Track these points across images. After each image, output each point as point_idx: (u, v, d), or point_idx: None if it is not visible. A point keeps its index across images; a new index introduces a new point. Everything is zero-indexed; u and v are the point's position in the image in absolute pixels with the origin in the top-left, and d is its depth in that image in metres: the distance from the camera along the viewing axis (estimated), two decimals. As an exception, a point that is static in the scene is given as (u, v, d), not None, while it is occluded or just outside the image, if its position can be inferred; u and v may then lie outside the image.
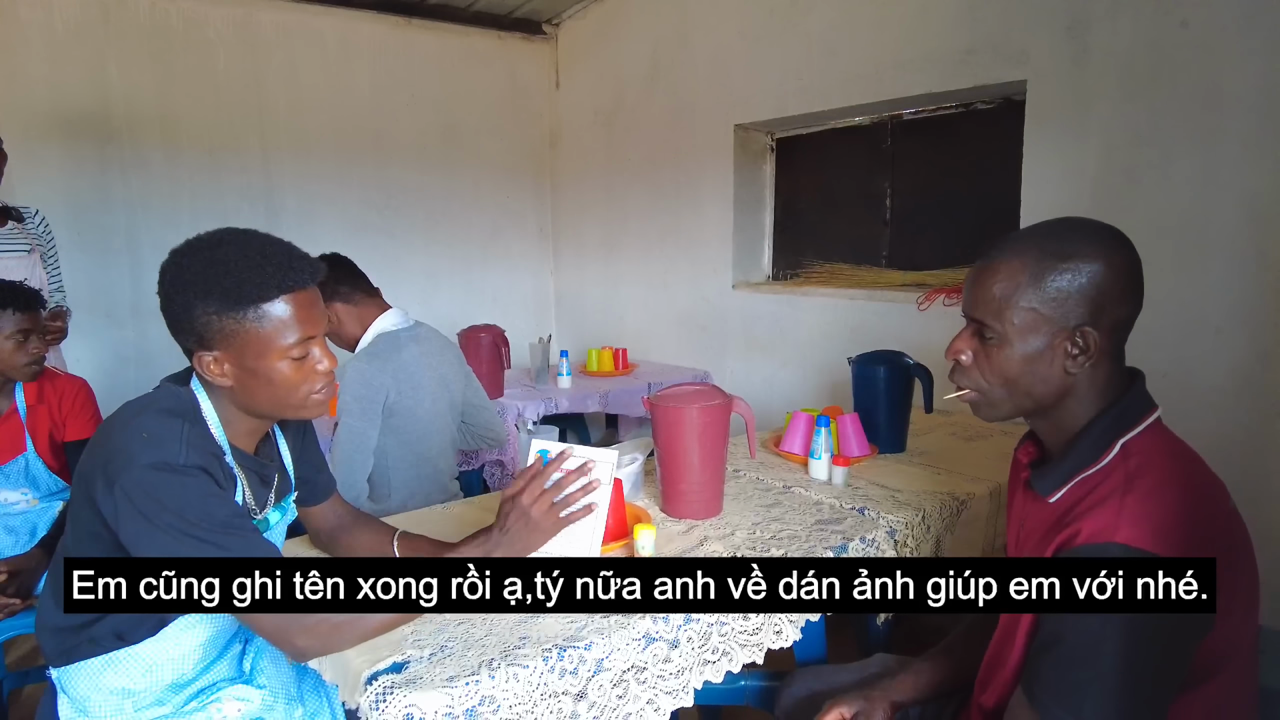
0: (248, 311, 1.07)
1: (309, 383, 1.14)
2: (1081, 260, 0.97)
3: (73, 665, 1.18)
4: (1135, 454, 0.97)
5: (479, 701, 1.03)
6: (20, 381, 2.03)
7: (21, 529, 2.05)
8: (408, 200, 4.47)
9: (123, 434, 1.06)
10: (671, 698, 1.22)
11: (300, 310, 1.11)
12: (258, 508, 1.25)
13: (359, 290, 2.09)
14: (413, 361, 2.04)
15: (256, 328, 1.08)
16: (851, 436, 1.98)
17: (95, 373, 3.22)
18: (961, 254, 2.99)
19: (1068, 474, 1.01)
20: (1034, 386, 1.02)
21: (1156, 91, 2.19)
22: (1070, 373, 1.00)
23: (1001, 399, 1.06)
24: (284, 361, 1.11)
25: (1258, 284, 2.04)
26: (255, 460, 1.23)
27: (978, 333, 1.06)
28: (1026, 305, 0.99)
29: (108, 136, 3.65)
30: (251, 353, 1.09)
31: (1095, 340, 0.98)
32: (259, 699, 1.27)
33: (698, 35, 3.79)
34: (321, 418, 2.70)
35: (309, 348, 1.13)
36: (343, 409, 1.94)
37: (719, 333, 3.85)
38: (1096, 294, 0.97)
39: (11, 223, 2.61)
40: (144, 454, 1.03)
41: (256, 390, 1.12)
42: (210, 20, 3.82)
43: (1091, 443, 1.00)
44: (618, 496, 1.48)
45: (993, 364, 1.04)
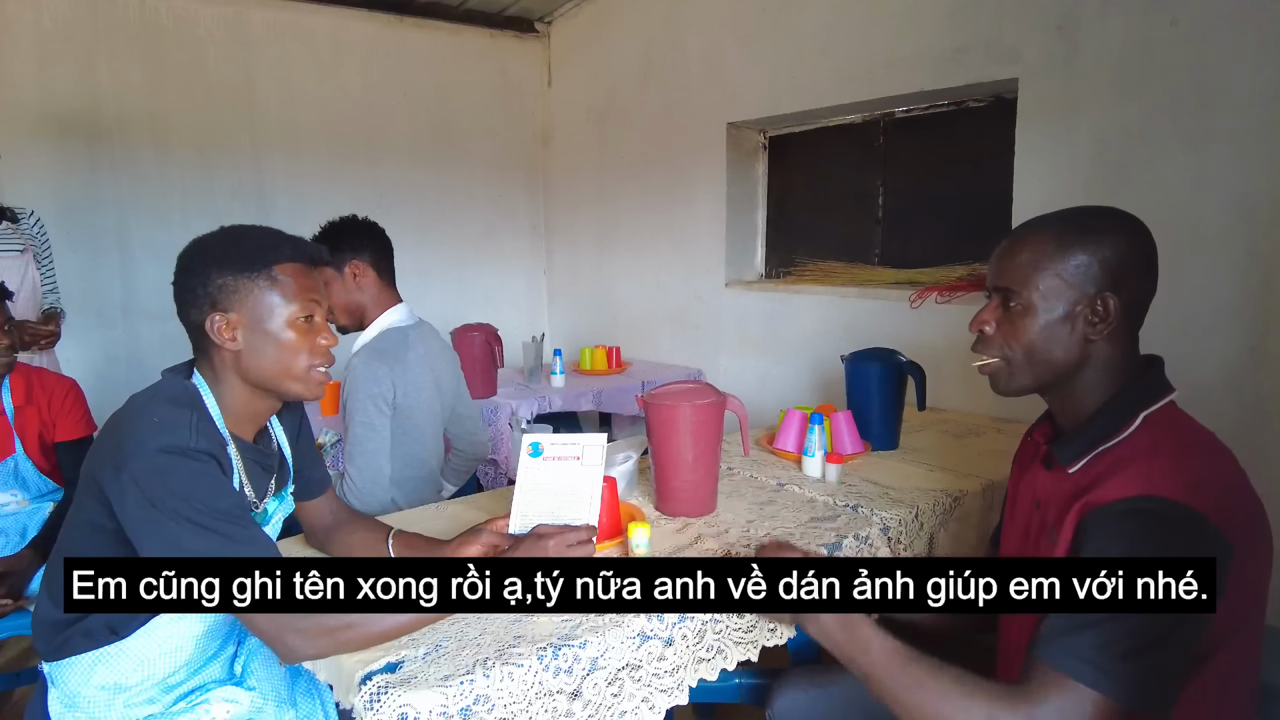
0: (261, 273, 1.16)
1: (312, 354, 1.20)
2: (1104, 234, 1.03)
3: (65, 660, 1.18)
4: (1158, 424, 1.01)
5: (474, 700, 1.03)
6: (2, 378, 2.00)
7: (12, 530, 2.04)
8: (400, 199, 4.45)
9: (133, 422, 1.10)
10: (666, 696, 1.22)
11: (308, 280, 1.20)
12: (257, 498, 1.26)
13: (390, 272, 2.08)
14: (417, 362, 2.02)
15: (268, 288, 1.16)
16: (845, 434, 1.99)
17: (86, 373, 3.19)
18: (954, 252, 3.00)
19: (1089, 444, 1.04)
20: (1055, 354, 1.06)
21: (1147, 90, 2.20)
22: (1090, 340, 1.04)
23: (1023, 367, 1.09)
24: (290, 323, 1.17)
25: (1248, 282, 2.05)
26: (255, 449, 1.25)
27: (1002, 303, 1.10)
28: (1052, 273, 1.04)
29: (97, 135, 3.63)
30: (262, 311, 1.16)
31: (1115, 307, 1.02)
32: (248, 701, 1.26)
33: (690, 33, 3.79)
34: (322, 417, 2.72)
35: (315, 314, 1.20)
36: (356, 407, 1.90)
37: (712, 331, 3.85)
38: (1117, 266, 1.03)
39: (6, 223, 2.59)
40: (154, 438, 1.06)
41: (264, 353, 1.17)
42: (200, 18, 3.80)
43: (1113, 415, 1.04)
44: (611, 495, 1.48)
45: (1017, 332, 1.08)
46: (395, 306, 2.07)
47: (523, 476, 1.34)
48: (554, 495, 1.33)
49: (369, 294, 2.03)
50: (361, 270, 2.01)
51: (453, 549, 1.32)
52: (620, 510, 1.52)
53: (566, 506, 1.32)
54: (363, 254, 2.01)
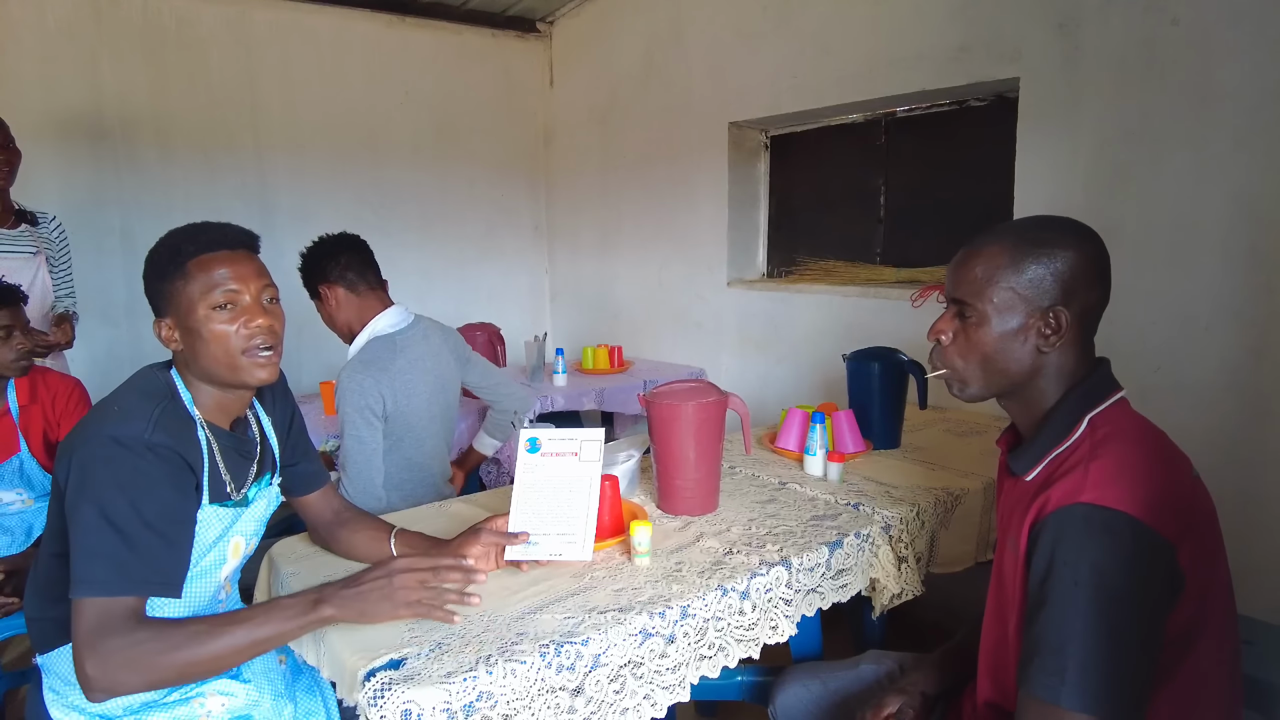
0: (177, 272, 1.19)
1: (241, 339, 1.20)
2: (1056, 248, 1.05)
3: (54, 651, 1.20)
4: (1101, 426, 1.02)
5: (476, 697, 1.03)
6: (9, 378, 2.02)
7: (17, 529, 2.05)
8: (402, 198, 4.46)
9: (99, 410, 1.14)
10: (668, 693, 1.23)
11: (222, 267, 1.19)
12: (236, 485, 1.26)
13: (364, 281, 2.07)
14: (407, 368, 2.02)
15: (184, 285, 1.18)
16: (846, 433, 1.99)
17: (90, 372, 3.20)
18: (956, 251, 2.99)
19: (1040, 452, 1.06)
20: (1009, 364, 1.08)
21: (1148, 89, 2.20)
22: (1042, 351, 1.06)
23: (976, 376, 1.12)
24: (211, 315, 1.18)
25: (1248, 280, 2.05)
26: (232, 436, 1.28)
27: (958, 314, 1.12)
28: (1005, 286, 1.06)
29: (100, 136, 3.64)
30: (185, 310, 1.19)
31: (1066, 320, 1.04)
32: (244, 694, 1.27)
33: (691, 33, 3.79)
34: (326, 415, 2.72)
35: (235, 299, 1.20)
36: (345, 420, 1.93)
37: (714, 330, 3.86)
38: (1069, 279, 1.04)
39: (24, 225, 2.61)
40: (110, 427, 1.09)
41: (200, 350, 1.19)
42: (203, 19, 3.81)
43: (1060, 420, 1.06)
44: (613, 493, 1.49)
45: (971, 342, 1.10)
46: (382, 313, 2.07)
47: (520, 473, 1.35)
48: (552, 491, 1.33)
49: (349, 310, 2.06)
50: (332, 291, 2.05)
51: (454, 548, 1.32)
52: (622, 508, 1.53)
53: (565, 502, 1.33)
54: (329, 275, 2.05)
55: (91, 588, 1.03)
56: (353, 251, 2.07)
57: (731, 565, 1.38)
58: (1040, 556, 0.96)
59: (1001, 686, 1.10)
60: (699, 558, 1.41)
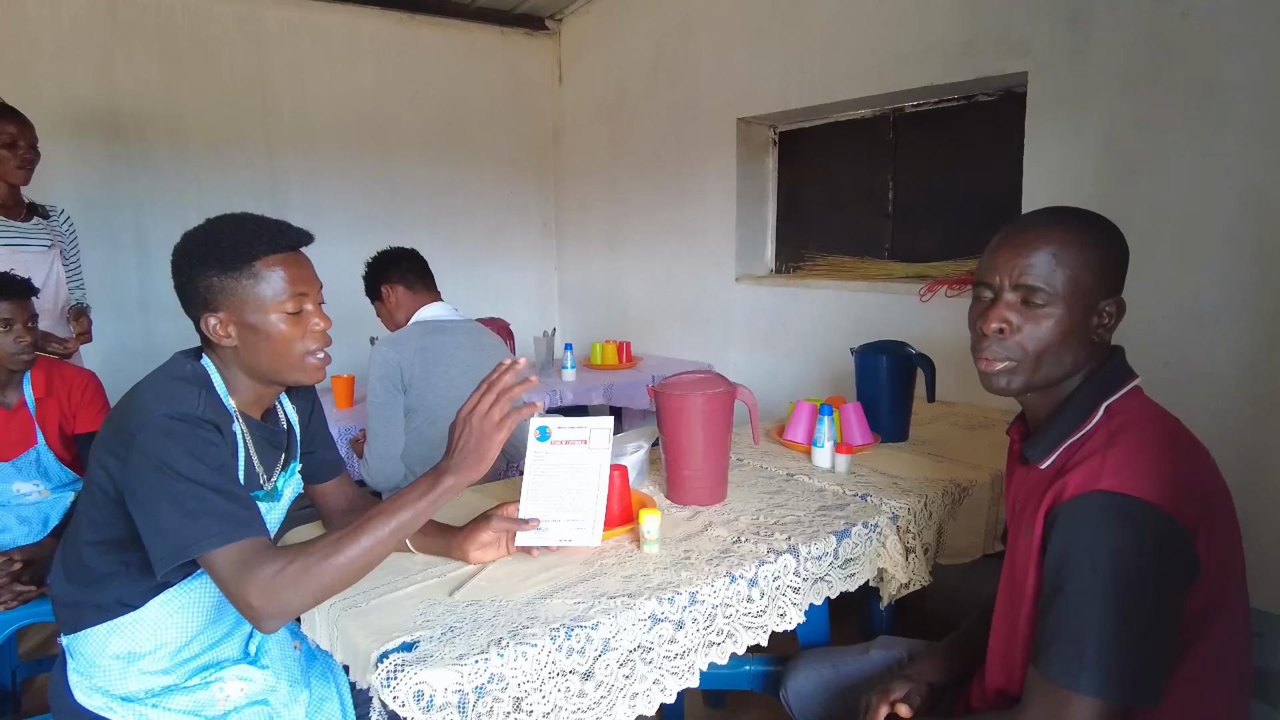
0: (244, 270, 1.17)
1: (305, 340, 1.21)
2: (1110, 235, 1.05)
3: (81, 632, 1.22)
4: (1118, 414, 1.02)
5: (488, 679, 1.05)
6: (12, 370, 2.03)
7: (35, 519, 2.07)
8: (412, 195, 4.49)
9: (142, 397, 1.14)
10: (677, 678, 1.24)
11: (291, 269, 1.20)
12: (267, 474, 1.28)
13: (422, 283, 2.35)
14: (433, 348, 2.18)
15: (252, 284, 1.18)
16: (854, 425, 2.00)
17: (103, 366, 3.22)
18: (964, 245, 3.00)
19: (1056, 440, 1.05)
20: (1074, 354, 1.05)
21: (1157, 82, 2.20)
22: (1096, 340, 1.05)
23: (1033, 366, 1.05)
24: (279, 316, 1.19)
25: (1257, 274, 2.04)
26: (263, 427, 1.29)
27: (1024, 300, 1.04)
28: (1082, 270, 1.02)
29: (115, 133, 3.67)
30: (250, 309, 1.18)
31: (1122, 309, 1.05)
32: (262, 679, 1.29)
33: (700, 29, 3.80)
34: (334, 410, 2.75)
35: (302, 304, 1.21)
36: (370, 390, 2.15)
37: (722, 326, 3.86)
38: (1120, 266, 1.05)
39: (37, 218, 2.64)
40: (161, 406, 1.10)
41: (258, 346, 1.19)
42: (216, 17, 3.84)
43: (1077, 408, 1.05)
44: (623, 482, 1.50)
45: (1041, 330, 1.03)
46: (431, 304, 2.32)
47: (531, 461, 1.36)
48: (562, 478, 1.35)
49: (407, 307, 2.33)
50: (393, 290, 2.34)
51: (464, 535, 1.34)
52: (631, 498, 1.54)
53: (574, 489, 1.34)
54: (392, 276, 2.34)
55: (210, 541, 1.02)
56: (413, 259, 2.38)
57: (740, 553, 1.39)
58: (1057, 543, 0.96)
59: (1012, 674, 1.10)
60: (707, 546, 1.43)
